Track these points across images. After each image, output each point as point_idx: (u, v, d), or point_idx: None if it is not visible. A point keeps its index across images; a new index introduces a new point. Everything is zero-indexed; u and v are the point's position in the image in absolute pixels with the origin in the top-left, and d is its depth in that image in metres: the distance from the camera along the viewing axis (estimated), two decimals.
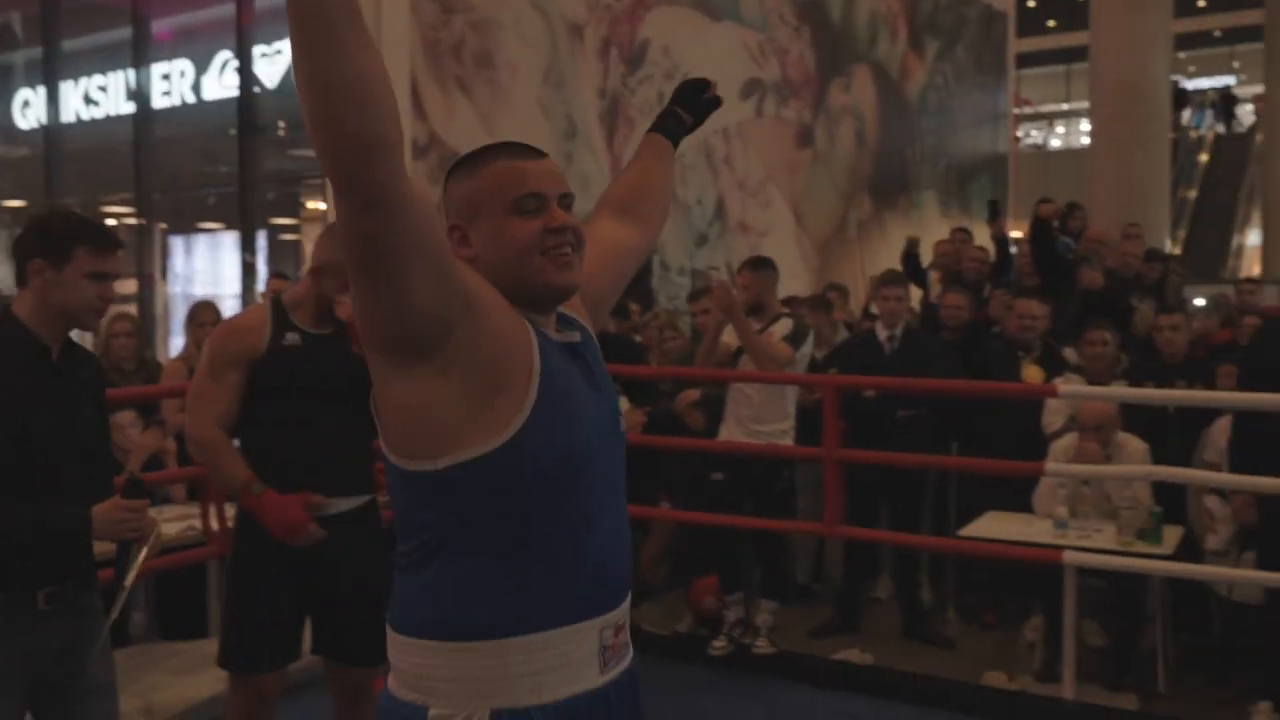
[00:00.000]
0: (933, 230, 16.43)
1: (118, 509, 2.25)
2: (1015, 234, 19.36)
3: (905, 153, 16.14)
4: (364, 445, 3.08)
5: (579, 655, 1.53)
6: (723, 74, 12.31)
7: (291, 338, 2.92)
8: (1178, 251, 17.54)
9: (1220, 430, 4.38)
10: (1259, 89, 19.57)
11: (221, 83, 9.74)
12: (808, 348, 4.80)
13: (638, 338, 5.90)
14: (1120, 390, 4.59)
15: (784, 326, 4.72)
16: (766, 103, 13.11)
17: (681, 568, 5.37)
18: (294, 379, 2.90)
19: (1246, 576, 4.08)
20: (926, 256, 7.94)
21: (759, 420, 4.72)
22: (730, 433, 4.79)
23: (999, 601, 5.35)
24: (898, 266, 15.74)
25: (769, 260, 4.98)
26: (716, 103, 2.05)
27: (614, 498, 1.60)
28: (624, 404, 4.89)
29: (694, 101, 2.05)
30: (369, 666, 3.02)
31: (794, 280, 13.10)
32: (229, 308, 9.78)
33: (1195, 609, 4.64)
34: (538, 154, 1.59)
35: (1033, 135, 24.18)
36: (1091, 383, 4.79)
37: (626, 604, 1.62)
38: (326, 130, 1.28)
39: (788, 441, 4.76)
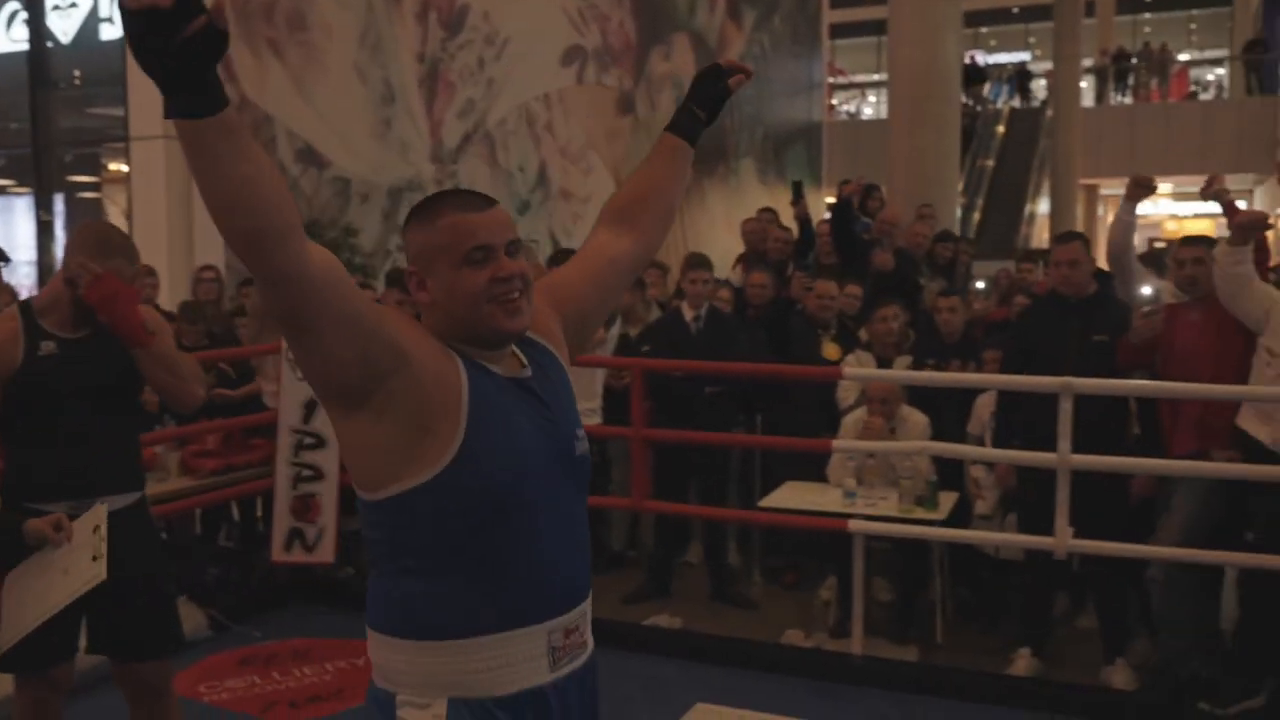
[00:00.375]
0: (751, 197, 16.94)
1: None
2: (830, 199, 20.11)
3: (724, 121, 16.49)
4: (131, 443, 3.09)
5: (526, 655, 1.68)
6: (544, 40, 12.39)
7: (47, 346, 2.88)
8: (977, 218, 18.61)
9: (984, 405, 4.81)
10: (1048, 65, 20.86)
11: (10, 35, 9.18)
12: (616, 328, 5.03)
13: None
14: (894, 373, 4.94)
15: None
16: (588, 69, 13.20)
17: None
18: (53, 389, 2.87)
19: (1006, 539, 4.52)
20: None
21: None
22: None
23: (800, 563, 5.72)
24: (717, 232, 16.07)
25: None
26: (726, 92, 2.03)
27: (565, 513, 1.73)
28: None
29: (707, 95, 2.04)
30: (154, 660, 3.05)
31: None
32: (24, 274, 9.34)
33: (969, 566, 5.08)
34: (487, 204, 1.72)
35: (847, 105, 25.03)
36: (880, 359, 5.15)
37: (581, 609, 1.76)
38: (222, 228, 1.44)
39: (596, 420, 4.98)
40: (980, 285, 6.76)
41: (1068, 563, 4.40)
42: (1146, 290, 4.41)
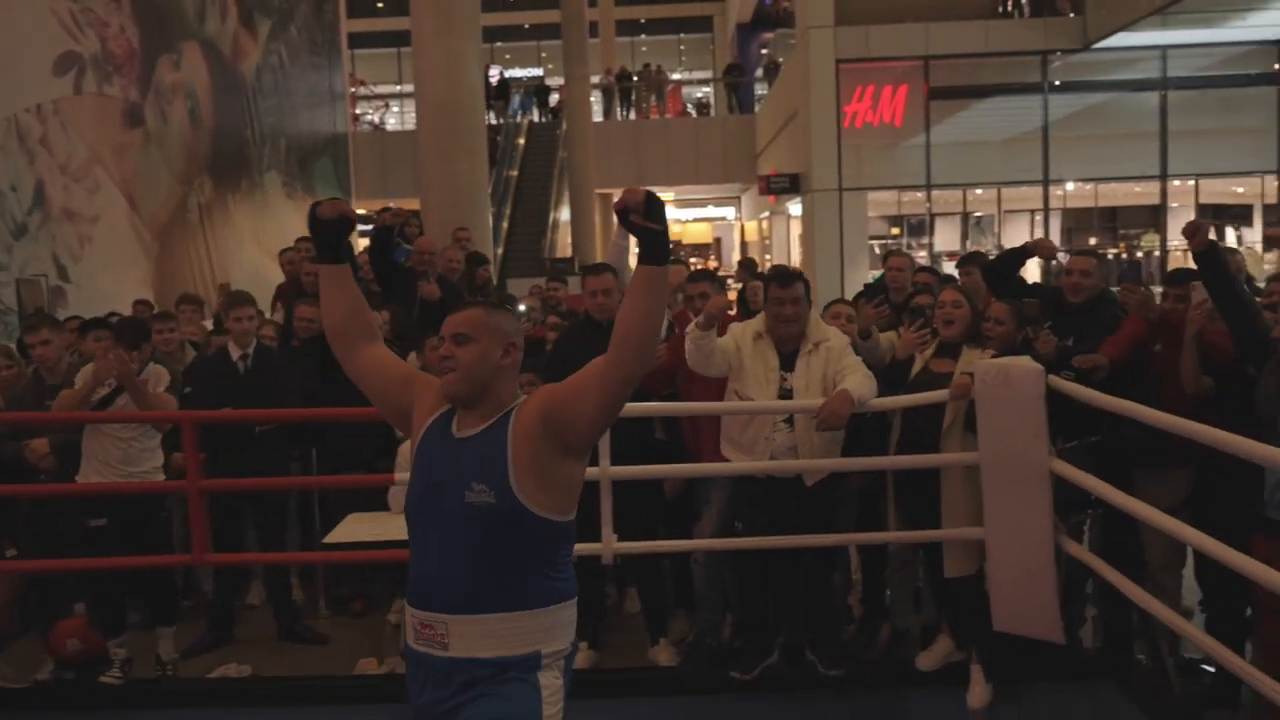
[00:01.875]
0: (279, 212, 16.48)
1: None
2: (361, 211, 19.98)
3: (244, 133, 15.92)
4: None
5: (409, 621, 2.38)
6: (30, 45, 11.27)
7: None
8: (506, 226, 19.42)
9: None
10: (562, 81, 22.22)
11: None
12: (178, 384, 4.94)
13: None
14: None
15: (160, 376, 4.84)
16: (87, 79, 12.16)
17: (38, 613, 5.09)
18: None
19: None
20: None
21: (130, 462, 4.72)
22: (98, 475, 4.70)
23: (367, 589, 5.79)
24: (246, 251, 15.40)
25: (141, 330, 4.93)
26: (626, 218, 2.23)
27: (442, 538, 2.31)
28: None
29: (625, 220, 2.24)
30: None
31: (134, 266, 12.44)
32: None
33: None
34: (465, 306, 2.44)
35: (371, 116, 24.98)
36: None
37: (437, 615, 2.31)
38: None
39: (160, 478, 4.82)
40: (522, 308, 7.16)
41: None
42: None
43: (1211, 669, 4.36)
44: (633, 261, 2.42)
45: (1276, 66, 17.04)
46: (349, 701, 4.59)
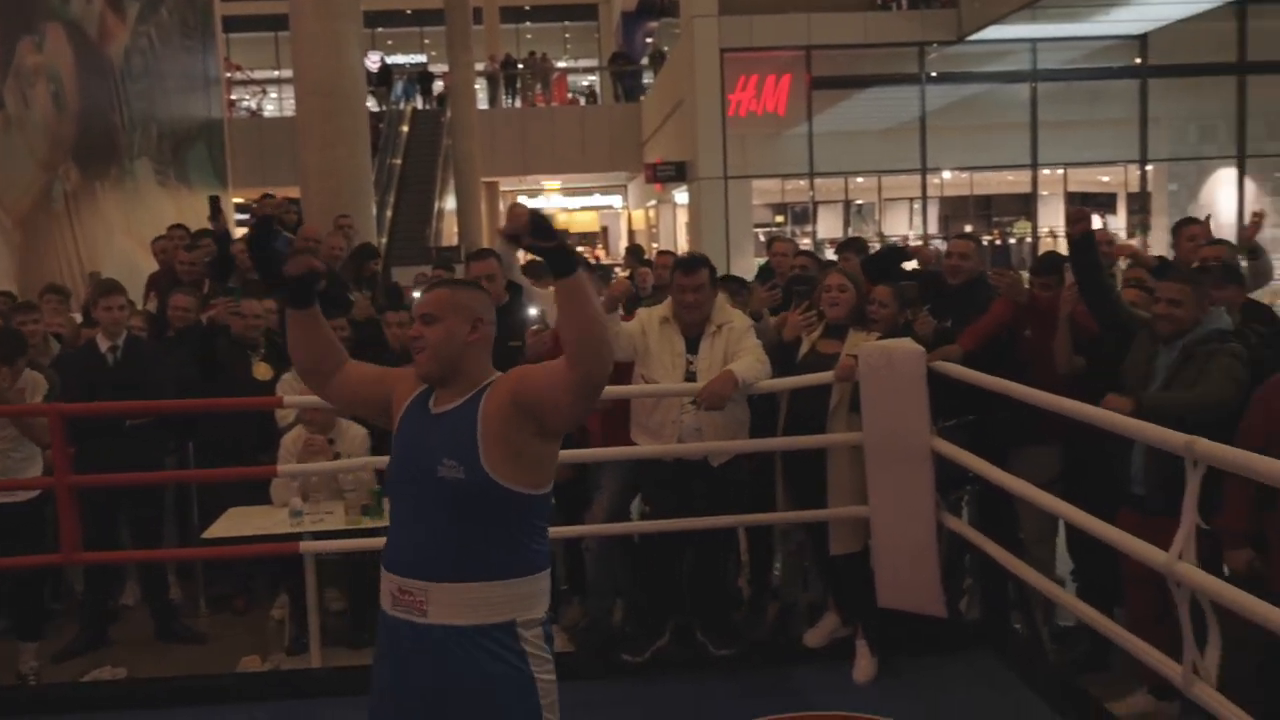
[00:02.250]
0: (151, 200, 15.89)
1: None
2: (239, 200, 19.39)
3: (112, 118, 15.29)
4: None
5: (384, 586, 2.43)
6: None
7: None
8: (390, 215, 19.08)
9: None
10: (446, 67, 21.91)
11: None
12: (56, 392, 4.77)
13: None
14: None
15: (37, 384, 4.71)
16: None
17: None
18: None
19: None
20: None
21: (8, 473, 4.62)
22: None
23: (249, 585, 5.64)
24: (116, 240, 14.83)
25: (16, 343, 4.70)
26: (518, 243, 2.27)
27: (416, 509, 2.39)
28: None
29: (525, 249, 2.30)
30: None
31: None
32: None
33: None
34: (433, 285, 2.53)
35: (248, 101, 24.25)
36: None
37: (415, 582, 2.35)
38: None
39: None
40: (417, 294, 7.05)
41: None
42: (534, 311, 4.92)
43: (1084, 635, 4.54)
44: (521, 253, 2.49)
45: (1138, 60, 17.79)
46: (231, 700, 4.44)
